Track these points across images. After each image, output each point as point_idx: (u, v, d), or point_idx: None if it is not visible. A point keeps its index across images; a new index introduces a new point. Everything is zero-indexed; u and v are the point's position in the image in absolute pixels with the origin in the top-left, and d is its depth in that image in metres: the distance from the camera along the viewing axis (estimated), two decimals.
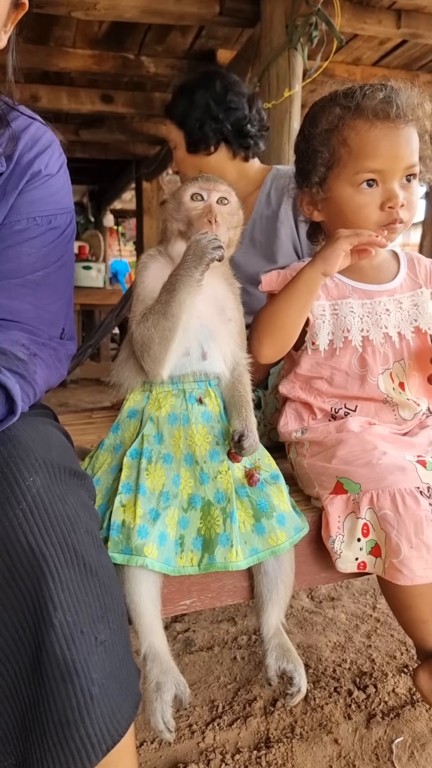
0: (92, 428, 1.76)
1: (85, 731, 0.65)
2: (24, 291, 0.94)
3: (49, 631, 0.66)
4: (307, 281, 1.07)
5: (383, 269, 1.20)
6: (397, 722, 1.30)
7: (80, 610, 0.68)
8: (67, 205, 1.02)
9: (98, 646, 0.69)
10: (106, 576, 0.75)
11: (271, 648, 1.00)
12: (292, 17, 2.45)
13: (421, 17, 3.04)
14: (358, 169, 1.06)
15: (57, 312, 1.00)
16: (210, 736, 1.26)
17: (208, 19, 2.95)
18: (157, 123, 5.22)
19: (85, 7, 2.74)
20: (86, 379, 5.60)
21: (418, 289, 1.18)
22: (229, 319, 1.06)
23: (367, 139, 1.05)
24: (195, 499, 0.97)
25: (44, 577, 0.67)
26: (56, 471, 0.76)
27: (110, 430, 1.06)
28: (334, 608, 1.79)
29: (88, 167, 6.80)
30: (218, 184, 1.04)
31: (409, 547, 0.93)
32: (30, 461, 0.74)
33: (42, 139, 0.99)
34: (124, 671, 0.73)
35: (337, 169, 1.09)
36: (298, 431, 1.18)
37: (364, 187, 1.07)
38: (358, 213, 1.09)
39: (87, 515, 0.78)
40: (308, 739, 1.25)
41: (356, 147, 1.06)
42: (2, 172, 0.93)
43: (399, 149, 1.05)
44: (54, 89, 4.23)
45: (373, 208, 1.08)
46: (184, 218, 1.03)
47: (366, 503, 0.99)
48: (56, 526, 0.71)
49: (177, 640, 1.62)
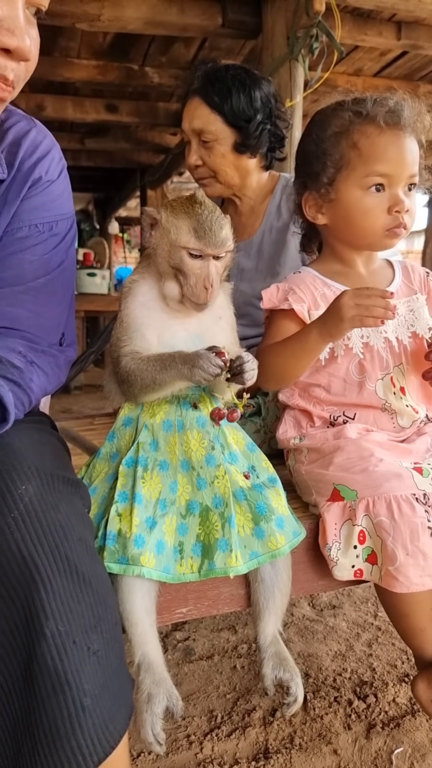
0: (93, 434, 1.76)
1: (77, 743, 0.64)
2: (25, 298, 0.94)
3: (41, 640, 0.65)
4: (314, 349, 1.09)
5: (379, 276, 1.21)
6: (397, 732, 1.29)
7: (72, 620, 0.67)
8: (68, 211, 1.02)
9: (91, 656, 0.68)
10: (100, 585, 0.74)
11: (267, 657, 0.99)
12: (293, 29, 2.47)
13: (421, 29, 3.06)
14: (367, 172, 1.08)
15: (57, 318, 1.00)
16: (208, 747, 1.25)
17: (210, 31, 2.98)
18: (161, 132, 5.27)
19: (89, 19, 2.77)
20: (90, 386, 5.61)
21: (413, 295, 1.20)
22: (219, 318, 1.05)
23: (377, 144, 1.07)
24: (193, 505, 0.97)
25: (36, 586, 0.67)
26: (49, 479, 0.76)
27: (106, 439, 1.06)
28: (335, 616, 1.78)
29: (94, 175, 6.86)
30: (221, 246, 0.96)
31: (405, 555, 0.93)
32: (23, 469, 0.74)
33: (42, 145, 0.98)
34: (117, 682, 0.72)
35: (346, 171, 1.10)
36: (296, 438, 1.19)
37: (372, 190, 1.09)
38: (366, 215, 1.10)
39: (80, 524, 0.77)
40: (307, 750, 1.24)
41: (366, 150, 1.08)
42: (3, 180, 0.93)
43: (405, 156, 1.08)
44: (59, 99, 4.28)
45: (380, 212, 1.09)
46: (178, 267, 0.97)
47: (362, 510, 0.99)
48: (49, 534, 0.71)
49: (177, 648, 1.62)
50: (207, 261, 0.96)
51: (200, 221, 0.95)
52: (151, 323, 1.00)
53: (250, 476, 1.02)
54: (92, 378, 5.70)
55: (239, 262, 1.68)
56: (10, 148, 0.94)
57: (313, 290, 1.17)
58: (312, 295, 1.16)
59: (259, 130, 1.55)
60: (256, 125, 1.54)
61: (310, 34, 2.39)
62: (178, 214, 0.97)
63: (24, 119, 0.99)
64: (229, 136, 1.56)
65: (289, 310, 1.14)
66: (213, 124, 1.55)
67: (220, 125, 1.55)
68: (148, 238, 1.01)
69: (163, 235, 0.98)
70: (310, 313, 1.14)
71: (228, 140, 1.56)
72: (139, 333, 1.00)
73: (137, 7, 2.79)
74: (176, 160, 5.49)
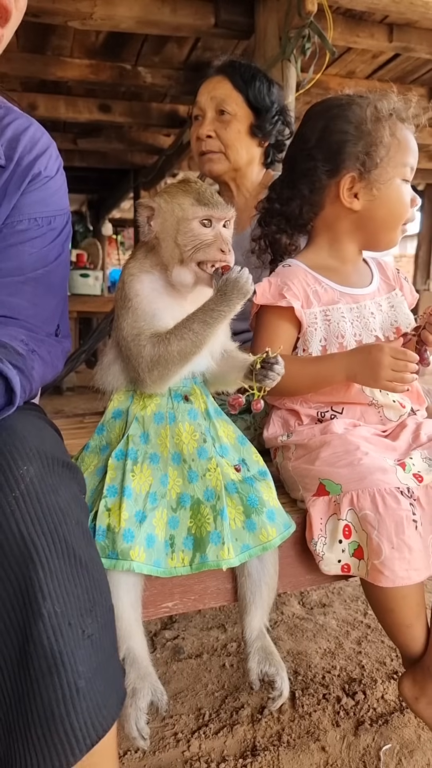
0: (84, 433, 1.75)
1: (70, 725, 0.64)
2: (24, 288, 0.97)
3: (37, 620, 0.65)
4: (332, 382, 1.11)
5: (362, 274, 1.22)
6: (385, 729, 1.29)
7: (69, 602, 0.68)
8: (65, 206, 1.06)
9: (85, 639, 0.68)
10: (95, 570, 0.75)
11: (253, 651, 0.99)
12: (286, 29, 2.48)
13: (413, 31, 3.08)
14: (404, 162, 1.13)
15: (54, 309, 1.02)
16: (195, 745, 1.25)
17: (203, 31, 2.98)
18: (155, 133, 5.27)
19: (82, 17, 2.77)
20: (82, 387, 5.58)
21: (392, 291, 1.21)
22: None
23: (407, 136, 1.13)
24: (184, 498, 0.97)
25: (34, 566, 0.67)
26: (50, 462, 0.76)
27: (95, 432, 1.05)
28: (325, 614, 1.77)
29: (87, 176, 6.84)
30: (227, 209, 0.98)
31: (391, 548, 0.93)
32: (24, 450, 0.74)
33: (40, 142, 1.01)
34: (110, 667, 0.72)
35: (388, 156, 1.12)
36: (283, 435, 1.18)
37: (404, 180, 1.14)
38: (403, 205, 1.15)
39: (78, 508, 0.78)
40: (295, 747, 1.24)
41: (402, 141, 1.13)
42: (3, 166, 0.95)
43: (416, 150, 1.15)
44: (52, 98, 4.27)
45: (408, 203, 1.15)
46: (190, 243, 0.95)
47: (347, 504, 0.98)
48: (48, 516, 0.71)
49: (166, 647, 1.61)
50: (218, 226, 0.97)
51: (201, 191, 0.98)
52: (166, 308, 1.00)
53: (240, 469, 1.02)
54: (84, 379, 5.68)
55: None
56: (9, 143, 0.96)
57: (305, 286, 1.16)
58: (305, 291, 1.16)
59: (274, 120, 1.63)
60: (272, 114, 1.61)
61: (302, 35, 2.39)
62: (176, 194, 0.98)
63: (22, 116, 1.01)
64: (246, 117, 1.62)
65: (286, 307, 1.13)
66: (235, 101, 1.61)
67: (241, 104, 1.61)
68: (147, 230, 1.00)
69: (167, 218, 0.98)
70: (304, 311, 1.14)
71: (245, 120, 1.62)
72: (156, 317, 0.98)
73: (130, 5, 2.78)
74: (170, 161, 5.49)
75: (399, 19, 2.94)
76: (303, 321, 1.14)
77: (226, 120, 1.61)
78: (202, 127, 1.63)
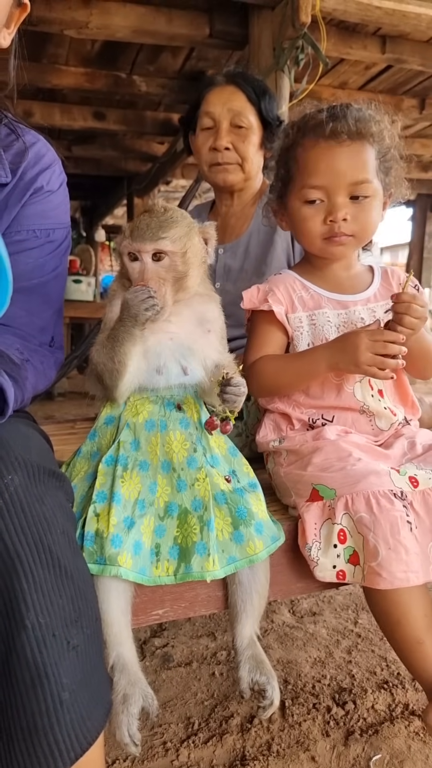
0: (75, 438, 1.75)
1: (54, 738, 0.64)
2: (19, 297, 0.96)
3: (21, 632, 0.65)
4: (320, 375, 1.12)
5: (358, 280, 1.23)
6: (375, 739, 1.28)
7: (53, 613, 0.67)
8: (65, 221, 1.07)
9: (70, 650, 0.67)
10: (81, 580, 0.74)
11: (244, 660, 0.98)
12: (279, 40, 2.51)
13: (406, 43, 3.12)
14: (303, 184, 1.12)
15: (48, 320, 1.03)
16: (184, 754, 1.23)
17: (198, 41, 3.01)
18: (149, 141, 5.29)
19: (78, 26, 2.79)
20: (73, 392, 5.57)
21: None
22: (208, 331, 1.05)
23: (310, 156, 1.11)
24: (172, 507, 0.96)
25: (18, 577, 0.66)
26: (35, 471, 0.76)
27: (87, 437, 1.05)
28: (315, 623, 1.77)
29: (81, 183, 6.85)
30: (146, 240, 0.95)
31: (387, 549, 0.92)
32: (9, 459, 0.74)
33: (45, 157, 1.03)
34: (96, 678, 0.71)
35: (291, 184, 1.16)
36: (275, 440, 1.19)
37: (308, 201, 1.12)
38: (304, 225, 1.15)
39: (64, 517, 0.77)
40: (285, 757, 1.23)
41: (302, 164, 1.12)
42: (7, 183, 0.96)
43: (340, 165, 1.09)
44: (47, 106, 4.28)
45: (316, 222, 1.13)
46: (126, 274, 1.00)
47: (341, 508, 0.98)
48: (32, 525, 0.70)
49: (155, 655, 1.60)
50: (143, 261, 0.96)
51: (138, 222, 0.97)
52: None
53: (231, 480, 1.02)
54: (76, 385, 5.66)
55: (226, 262, 1.70)
56: (14, 158, 0.99)
57: (291, 292, 1.18)
58: (290, 297, 1.18)
59: (278, 135, 1.63)
60: (277, 128, 1.64)
61: (296, 46, 2.42)
62: (121, 236, 0.99)
63: (29, 133, 1.04)
64: (258, 130, 1.64)
65: (269, 311, 1.14)
66: (250, 114, 1.63)
67: (254, 117, 1.63)
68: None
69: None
70: (288, 316, 1.15)
71: (258, 133, 1.65)
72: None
73: (125, 15, 2.81)
74: (163, 169, 5.51)
75: (392, 31, 2.98)
76: (286, 325, 1.16)
77: (242, 133, 1.62)
78: (219, 138, 1.62)
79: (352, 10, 2.42)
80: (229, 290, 1.60)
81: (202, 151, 1.67)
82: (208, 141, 1.64)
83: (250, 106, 1.62)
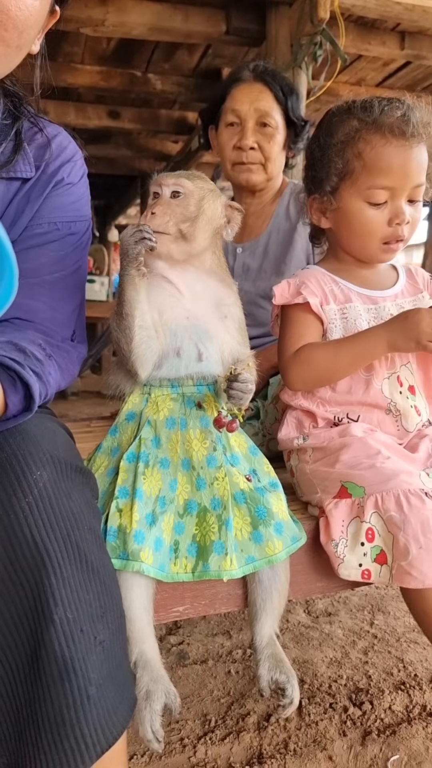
0: (91, 437, 1.75)
1: (80, 732, 0.64)
2: (40, 291, 0.97)
3: (49, 627, 0.65)
4: (379, 356, 1.10)
5: (384, 277, 1.22)
6: (392, 740, 1.27)
7: (80, 608, 0.68)
8: (86, 214, 1.06)
9: (97, 645, 0.68)
10: (107, 576, 0.75)
11: (263, 658, 0.98)
12: (297, 37, 2.50)
13: (425, 39, 3.10)
14: (370, 184, 1.07)
15: (70, 314, 1.03)
16: (202, 751, 1.23)
17: (214, 38, 3.01)
18: (163, 140, 5.30)
19: (94, 24, 2.80)
20: (87, 392, 5.59)
21: (419, 294, 1.20)
22: (224, 316, 1.04)
23: (381, 155, 1.06)
24: (191, 504, 0.96)
25: (46, 572, 0.67)
26: (63, 467, 0.76)
27: (108, 433, 1.05)
28: (330, 623, 1.76)
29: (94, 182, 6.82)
30: (174, 177, 1.02)
31: (418, 548, 0.91)
32: (38, 455, 0.74)
33: (66, 150, 1.03)
34: (121, 674, 0.72)
35: (350, 180, 1.09)
36: (299, 438, 1.18)
37: (374, 202, 1.08)
38: (366, 227, 1.10)
39: (90, 513, 0.78)
40: (302, 756, 1.22)
41: (370, 162, 1.07)
42: (30, 178, 0.96)
43: (410, 167, 1.06)
44: (61, 104, 4.31)
45: (380, 224, 1.09)
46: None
47: (371, 507, 0.98)
48: (60, 521, 0.71)
49: (171, 652, 1.60)
50: (162, 195, 1.02)
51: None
52: (151, 292, 1.01)
53: (251, 479, 1.01)
54: (89, 384, 5.69)
55: (244, 261, 1.68)
56: (36, 152, 0.99)
57: (323, 285, 1.17)
58: (322, 289, 1.16)
59: (304, 136, 1.62)
60: (305, 129, 1.62)
61: (314, 42, 2.41)
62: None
63: (50, 125, 1.04)
64: (283, 130, 1.62)
65: (303, 304, 1.12)
66: (277, 113, 1.60)
67: (280, 117, 1.60)
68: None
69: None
70: (322, 308, 1.14)
71: (283, 134, 1.62)
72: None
73: (142, 12, 2.81)
74: (177, 169, 5.48)
75: (411, 27, 2.96)
76: (322, 316, 1.14)
77: (269, 133, 1.59)
78: (245, 138, 1.59)
79: (372, 5, 2.41)
80: (248, 290, 1.58)
81: (226, 148, 1.64)
82: (232, 139, 1.61)
83: (277, 106, 1.59)
